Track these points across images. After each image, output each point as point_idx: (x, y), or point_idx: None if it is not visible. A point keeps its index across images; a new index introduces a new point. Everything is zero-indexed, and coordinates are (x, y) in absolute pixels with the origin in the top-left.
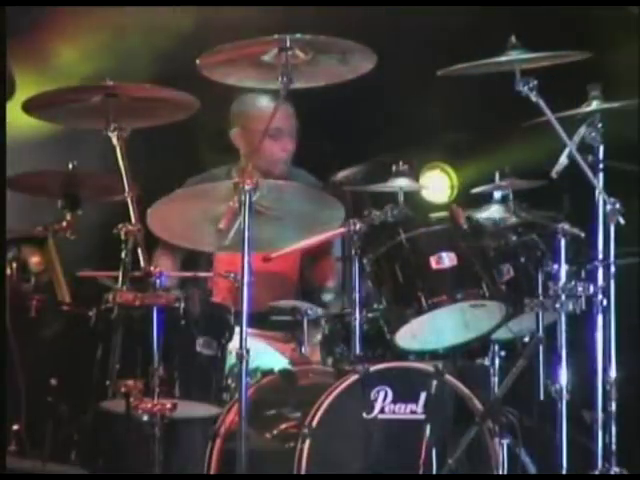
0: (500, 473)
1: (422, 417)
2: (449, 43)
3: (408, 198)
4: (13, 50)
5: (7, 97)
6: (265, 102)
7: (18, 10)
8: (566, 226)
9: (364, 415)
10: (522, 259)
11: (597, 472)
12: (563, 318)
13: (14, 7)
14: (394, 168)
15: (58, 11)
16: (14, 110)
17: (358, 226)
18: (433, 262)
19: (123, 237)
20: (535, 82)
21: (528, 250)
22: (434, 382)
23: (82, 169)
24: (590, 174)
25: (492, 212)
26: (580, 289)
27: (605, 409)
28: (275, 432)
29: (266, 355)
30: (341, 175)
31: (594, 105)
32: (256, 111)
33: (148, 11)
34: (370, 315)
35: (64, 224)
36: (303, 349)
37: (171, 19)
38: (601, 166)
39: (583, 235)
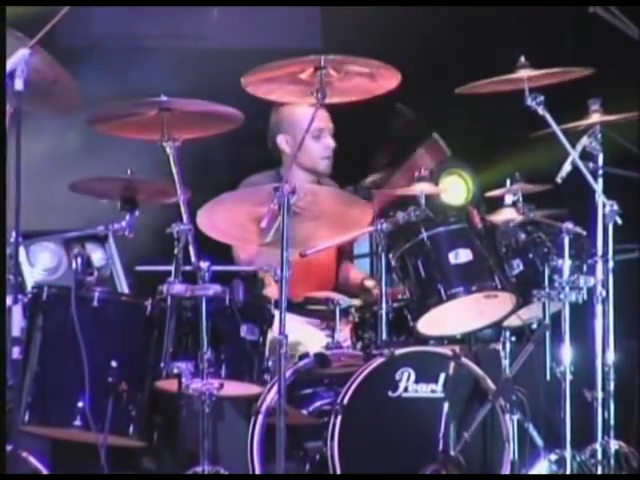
0: (510, 445)
1: (441, 395)
2: (466, 62)
3: (429, 200)
4: (79, 71)
5: (72, 111)
6: (304, 108)
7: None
8: (570, 225)
9: (389, 394)
10: (530, 255)
11: (597, 445)
12: (567, 307)
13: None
14: (416, 174)
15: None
16: (79, 122)
17: (384, 225)
18: (451, 258)
19: (175, 235)
20: (542, 97)
21: (536, 247)
22: (452, 364)
23: (139, 175)
24: (591, 179)
25: (504, 213)
26: (582, 282)
27: (604, 388)
28: (311, 409)
29: (304, 339)
30: (369, 180)
31: (594, 118)
32: (298, 116)
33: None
34: (395, 305)
35: (123, 224)
36: (335, 335)
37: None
38: (600, 172)
39: (585, 233)
